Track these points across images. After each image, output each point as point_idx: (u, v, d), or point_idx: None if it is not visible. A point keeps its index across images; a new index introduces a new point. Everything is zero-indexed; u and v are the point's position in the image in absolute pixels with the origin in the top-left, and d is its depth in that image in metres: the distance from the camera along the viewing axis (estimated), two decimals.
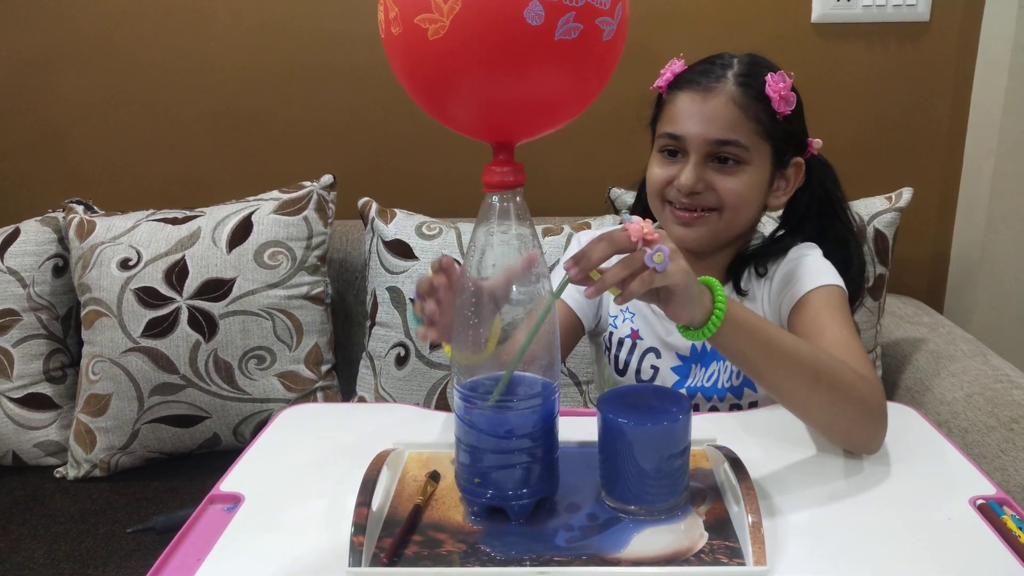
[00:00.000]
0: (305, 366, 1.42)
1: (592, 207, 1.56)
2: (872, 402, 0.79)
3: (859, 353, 0.85)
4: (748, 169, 0.93)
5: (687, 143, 0.93)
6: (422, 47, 0.58)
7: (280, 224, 1.41)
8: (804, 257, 0.98)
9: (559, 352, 0.68)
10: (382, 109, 1.66)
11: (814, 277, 0.94)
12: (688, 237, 0.96)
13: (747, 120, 0.91)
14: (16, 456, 1.41)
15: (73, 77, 1.67)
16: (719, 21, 1.60)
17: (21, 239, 1.44)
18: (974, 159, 1.62)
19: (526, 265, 0.65)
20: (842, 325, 0.88)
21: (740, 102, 0.91)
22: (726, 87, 0.92)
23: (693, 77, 0.94)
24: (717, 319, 0.71)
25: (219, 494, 0.76)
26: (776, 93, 0.91)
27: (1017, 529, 0.67)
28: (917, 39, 1.60)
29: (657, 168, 0.97)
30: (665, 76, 0.98)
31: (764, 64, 0.94)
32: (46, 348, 1.43)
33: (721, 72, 0.93)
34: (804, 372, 0.76)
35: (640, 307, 1.04)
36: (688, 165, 0.93)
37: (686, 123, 0.93)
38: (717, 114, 0.91)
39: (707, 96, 0.92)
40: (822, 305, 0.91)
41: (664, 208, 0.98)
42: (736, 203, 0.94)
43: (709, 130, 0.91)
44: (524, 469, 0.67)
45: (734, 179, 0.93)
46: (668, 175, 0.95)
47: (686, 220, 0.95)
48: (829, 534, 0.67)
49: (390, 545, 0.65)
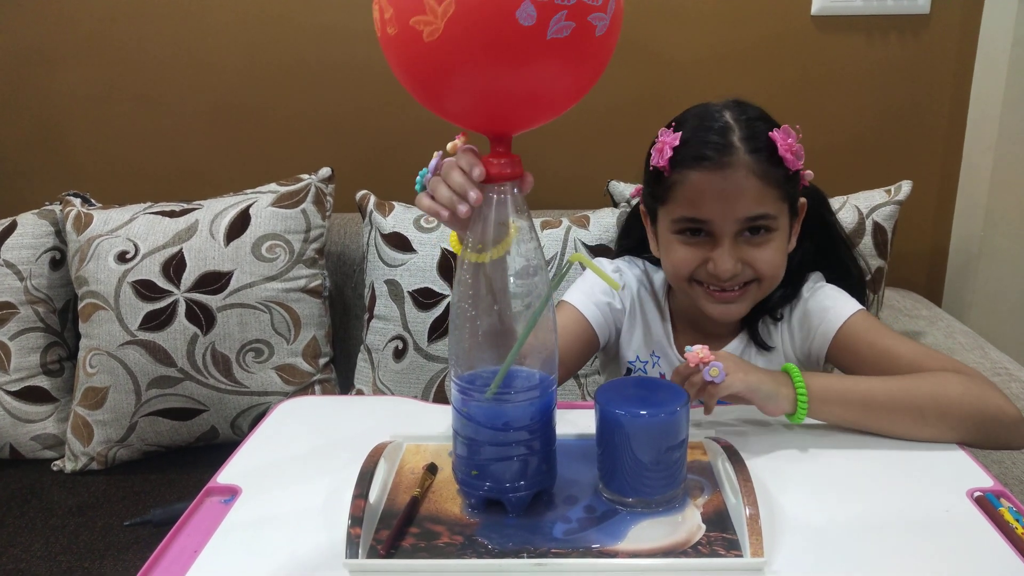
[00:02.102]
0: (303, 359, 1.42)
1: (591, 201, 1.55)
2: (990, 405, 0.80)
3: (937, 357, 0.86)
4: (777, 235, 0.90)
5: (715, 226, 0.88)
6: (418, 48, 0.59)
7: (278, 217, 1.40)
8: (817, 292, 0.97)
9: (557, 346, 0.68)
10: (380, 102, 1.66)
11: (839, 309, 0.93)
12: (733, 312, 0.93)
13: (769, 188, 0.87)
14: (13, 449, 1.41)
15: (70, 70, 1.67)
16: (719, 15, 1.59)
17: (18, 232, 1.43)
18: (973, 152, 1.62)
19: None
20: (901, 341, 0.88)
21: (758, 171, 0.86)
22: (740, 157, 0.86)
23: (700, 152, 0.87)
24: (803, 403, 0.79)
25: (216, 486, 0.76)
26: (789, 153, 0.87)
27: (1014, 521, 0.67)
28: (917, 32, 1.60)
29: (682, 252, 0.91)
30: (665, 153, 0.89)
31: (761, 119, 0.90)
32: (43, 341, 1.43)
33: (728, 139, 0.87)
34: (908, 412, 0.79)
35: (666, 353, 1.02)
36: (722, 249, 0.88)
37: (711, 206, 0.87)
38: (740, 191, 0.86)
39: (725, 173, 0.86)
40: (865, 332, 0.91)
41: (693, 287, 0.93)
42: (775, 272, 0.92)
43: (738, 209, 0.87)
44: (521, 461, 0.67)
45: (768, 249, 0.90)
46: (697, 259, 0.90)
47: (727, 299, 0.92)
48: (826, 526, 0.67)
49: (387, 537, 0.64)
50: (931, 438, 0.80)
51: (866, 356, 0.90)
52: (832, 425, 0.84)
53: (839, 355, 0.93)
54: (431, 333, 1.40)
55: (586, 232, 1.42)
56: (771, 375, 0.81)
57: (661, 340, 1.03)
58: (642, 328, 1.04)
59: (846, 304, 0.94)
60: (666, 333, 1.03)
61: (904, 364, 0.86)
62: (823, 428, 0.84)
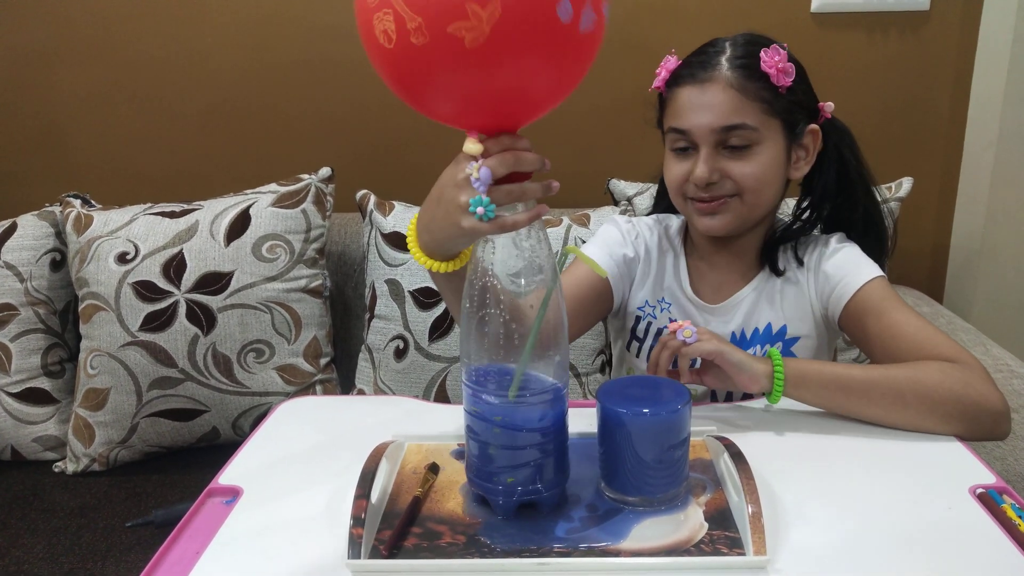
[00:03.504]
0: (304, 359, 1.41)
1: (591, 199, 1.55)
2: (971, 392, 0.82)
3: (937, 338, 0.88)
4: (760, 149, 0.93)
5: (694, 136, 0.92)
6: (457, 56, 0.56)
7: (278, 217, 1.40)
8: (840, 251, 0.98)
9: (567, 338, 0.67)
10: (380, 102, 1.65)
11: (858, 273, 0.95)
12: (714, 226, 0.96)
13: (749, 101, 0.91)
14: (15, 451, 1.41)
15: (70, 71, 1.67)
16: (718, 12, 1.59)
17: (18, 233, 1.43)
18: (974, 149, 1.62)
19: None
20: (908, 317, 0.90)
21: (738, 85, 0.90)
22: (721, 73, 0.91)
23: (688, 71, 0.93)
24: (779, 379, 0.83)
25: (218, 487, 0.76)
26: (772, 68, 0.90)
27: (1017, 518, 0.67)
28: (917, 29, 1.60)
29: (673, 167, 0.97)
30: (661, 75, 0.97)
31: (758, 42, 0.93)
32: (44, 343, 1.43)
33: (715, 59, 0.92)
34: (886, 396, 0.82)
35: (677, 297, 1.04)
36: (698, 157, 0.92)
37: (689, 116, 0.92)
38: (716, 101, 0.90)
39: (704, 86, 0.91)
40: (878, 302, 0.93)
41: (687, 204, 0.97)
42: (755, 185, 0.94)
43: (712, 119, 0.91)
44: (556, 458, 0.67)
45: (748, 163, 0.92)
46: (684, 171, 0.95)
47: (708, 210, 0.95)
48: (829, 524, 0.67)
49: (389, 537, 0.64)
50: (913, 424, 0.82)
51: (872, 329, 0.92)
52: (833, 422, 0.84)
53: (849, 323, 0.96)
54: (432, 332, 1.40)
55: (586, 230, 1.42)
56: (748, 353, 0.85)
57: (672, 285, 1.04)
58: (655, 274, 1.05)
59: (864, 269, 0.96)
60: (678, 277, 1.04)
61: (904, 347, 0.88)
62: (825, 425, 0.84)
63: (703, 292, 1.02)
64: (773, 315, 0.99)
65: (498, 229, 0.63)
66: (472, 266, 0.65)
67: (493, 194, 0.62)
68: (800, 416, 0.86)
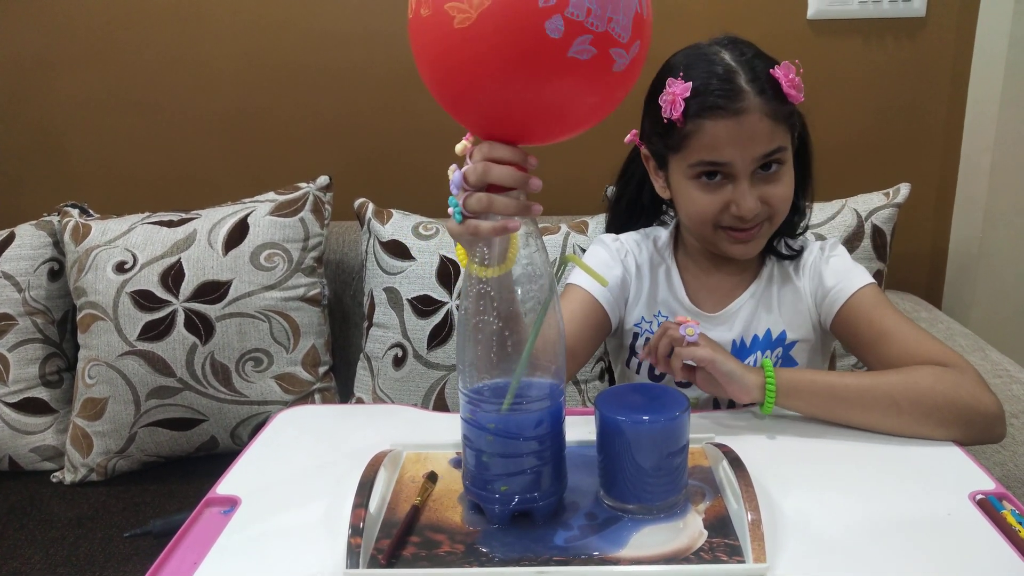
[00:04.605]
0: (302, 368, 1.41)
1: (589, 206, 1.55)
2: (965, 396, 0.82)
3: (929, 343, 0.89)
4: (787, 168, 0.93)
5: (734, 168, 0.90)
6: (446, 31, 0.60)
7: (276, 226, 1.40)
8: (833, 258, 0.99)
9: (564, 348, 0.67)
10: (378, 110, 1.66)
11: (851, 279, 0.96)
12: (749, 251, 0.96)
13: (778, 124, 0.90)
14: (13, 461, 1.41)
15: (67, 80, 1.67)
16: (715, 19, 1.59)
17: (16, 243, 1.43)
18: (971, 154, 1.62)
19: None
20: (899, 323, 0.91)
21: (768, 111, 0.88)
22: (750, 101, 0.88)
23: (714, 102, 0.89)
24: (771, 389, 0.83)
25: (216, 497, 0.76)
26: (792, 89, 0.90)
27: (1017, 524, 0.67)
28: (914, 35, 1.60)
29: (703, 199, 0.93)
30: (677, 105, 0.90)
31: (759, 57, 0.92)
32: (42, 352, 1.43)
33: (735, 85, 0.89)
34: (880, 403, 0.82)
35: (675, 309, 1.03)
36: (742, 189, 0.90)
37: (729, 151, 0.89)
38: (756, 131, 0.88)
39: (740, 119, 0.88)
40: (870, 308, 0.93)
41: (716, 233, 0.95)
42: (784, 207, 0.94)
43: (755, 149, 0.89)
44: (553, 467, 0.67)
45: (779, 184, 0.92)
46: (719, 202, 0.92)
47: (746, 238, 0.94)
48: (829, 530, 0.67)
49: (388, 546, 0.64)
50: (908, 430, 0.82)
51: (864, 335, 0.93)
52: (832, 429, 0.83)
53: (841, 329, 0.96)
54: (430, 341, 1.40)
55: (584, 238, 1.42)
56: (742, 363, 0.86)
57: (668, 298, 1.03)
58: (648, 289, 1.04)
59: (856, 276, 0.96)
60: (672, 289, 1.04)
61: (895, 352, 0.89)
62: (825, 432, 0.84)
63: (701, 301, 1.02)
64: (772, 320, 0.99)
65: (467, 233, 0.64)
66: (466, 273, 0.65)
67: (464, 198, 0.64)
68: (799, 423, 0.86)
